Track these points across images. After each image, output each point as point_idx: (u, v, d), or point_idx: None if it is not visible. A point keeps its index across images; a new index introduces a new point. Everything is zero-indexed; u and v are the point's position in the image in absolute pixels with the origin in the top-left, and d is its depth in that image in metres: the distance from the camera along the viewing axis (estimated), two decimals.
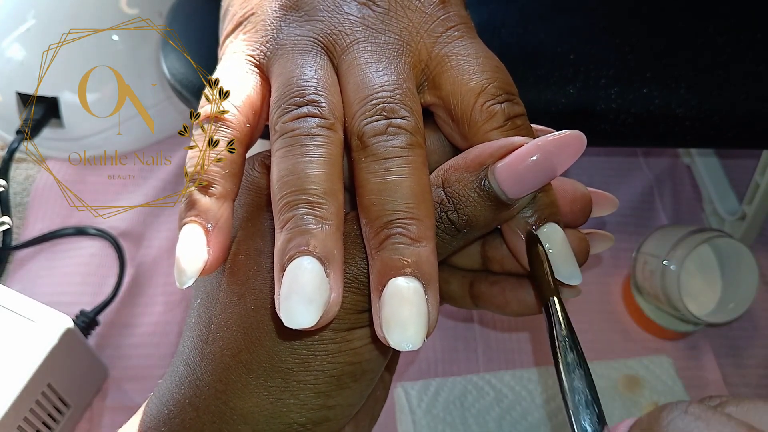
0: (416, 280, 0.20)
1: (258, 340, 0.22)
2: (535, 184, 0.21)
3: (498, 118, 0.23)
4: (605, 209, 0.26)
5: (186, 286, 0.21)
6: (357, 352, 0.22)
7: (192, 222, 0.21)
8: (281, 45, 0.24)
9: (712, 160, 0.63)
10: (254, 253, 0.23)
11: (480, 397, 0.48)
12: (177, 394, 0.23)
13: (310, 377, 0.22)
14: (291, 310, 0.19)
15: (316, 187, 0.20)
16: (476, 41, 0.25)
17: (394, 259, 0.20)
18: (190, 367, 0.23)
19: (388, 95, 0.22)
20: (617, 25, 0.41)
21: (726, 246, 0.51)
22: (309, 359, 0.22)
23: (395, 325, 0.19)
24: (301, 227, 0.20)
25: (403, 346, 0.19)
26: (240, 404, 0.22)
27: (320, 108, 0.22)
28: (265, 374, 0.22)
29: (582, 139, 0.21)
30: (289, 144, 0.21)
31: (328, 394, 0.22)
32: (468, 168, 0.22)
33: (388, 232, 0.20)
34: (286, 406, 0.22)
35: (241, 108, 0.23)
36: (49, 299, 0.46)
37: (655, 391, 0.49)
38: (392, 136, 0.21)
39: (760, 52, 0.39)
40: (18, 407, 0.40)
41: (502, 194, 0.21)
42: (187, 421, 0.23)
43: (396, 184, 0.21)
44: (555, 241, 0.22)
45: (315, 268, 0.19)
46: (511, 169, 0.21)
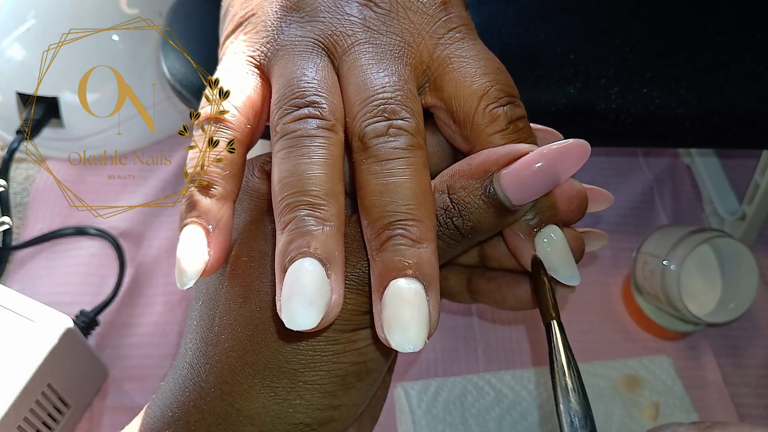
0: (417, 281, 0.20)
1: (264, 341, 0.22)
2: (539, 191, 0.21)
3: (500, 122, 0.23)
4: (600, 205, 0.26)
5: (187, 287, 0.21)
6: (362, 352, 0.22)
7: (193, 223, 0.21)
8: (282, 46, 0.24)
9: (712, 160, 0.63)
10: (258, 256, 0.23)
11: (480, 397, 0.48)
12: (181, 396, 0.23)
13: (315, 377, 0.22)
14: (292, 311, 0.19)
15: (317, 188, 0.20)
16: (477, 43, 0.25)
17: (395, 260, 0.20)
18: (194, 369, 0.23)
19: (389, 96, 0.22)
20: (617, 25, 0.41)
21: (726, 246, 0.51)
22: (315, 360, 0.22)
23: (396, 326, 0.19)
24: (302, 229, 0.20)
25: (405, 347, 0.19)
26: (246, 405, 0.22)
27: (321, 109, 0.22)
28: (271, 375, 0.22)
29: (586, 148, 0.21)
30: (290, 145, 0.21)
31: (333, 394, 0.22)
32: (473, 175, 0.22)
33: (389, 233, 0.20)
34: (293, 406, 0.22)
35: (241, 109, 0.23)
36: (49, 299, 0.46)
37: (655, 391, 0.49)
38: (393, 137, 0.21)
39: (760, 52, 0.39)
40: (18, 407, 0.40)
41: (506, 201, 0.21)
42: (192, 423, 0.23)
43: (397, 186, 0.21)
44: (555, 243, 0.23)
45: (316, 270, 0.19)
46: (515, 177, 0.21)
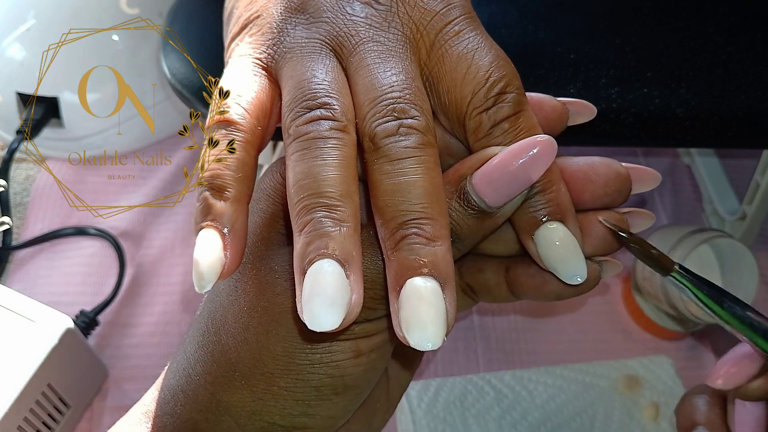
0: (433, 279, 0.20)
1: (245, 340, 0.23)
2: (511, 190, 0.22)
3: (484, 128, 0.23)
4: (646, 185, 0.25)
5: (205, 291, 0.21)
6: (339, 365, 0.22)
7: (208, 227, 0.21)
8: (289, 48, 0.24)
9: (712, 160, 0.63)
10: (256, 259, 0.24)
11: (480, 397, 0.48)
12: (172, 379, 0.25)
13: (290, 384, 0.22)
14: (314, 312, 0.19)
15: (332, 189, 0.20)
16: (474, 34, 0.24)
17: (411, 259, 0.20)
18: (187, 357, 0.24)
19: (397, 95, 0.22)
20: (617, 25, 0.41)
21: (726, 246, 0.51)
22: (290, 367, 0.22)
23: (414, 325, 0.19)
24: (320, 230, 0.20)
25: (423, 345, 0.19)
26: (226, 398, 0.23)
27: (333, 110, 0.22)
28: (249, 374, 0.23)
29: (551, 144, 0.21)
30: (304, 147, 0.21)
31: (307, 403, 0.22)
32: (450, 181, 0.22)
33: (404, 232, 0.20)
34: (267, 407, 0.23)
35: (251, 111, 0.23)
36: (49, 299, 0.46)
37: (655, 391, 0.49)
38: (404, 136, 0.21)
39: (760, 52, 0.39)
40: (18, 407, 0.40)
41: (481, 203, 0.22)
42: (178, 407, 0.24)
43: (409, 185, 0.21)
44: (552, 241, 0.23)
45: (336, 271, 0.19)
46: (485, 177, 0.22)
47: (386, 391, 0.28)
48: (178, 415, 0.24)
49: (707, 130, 0.39)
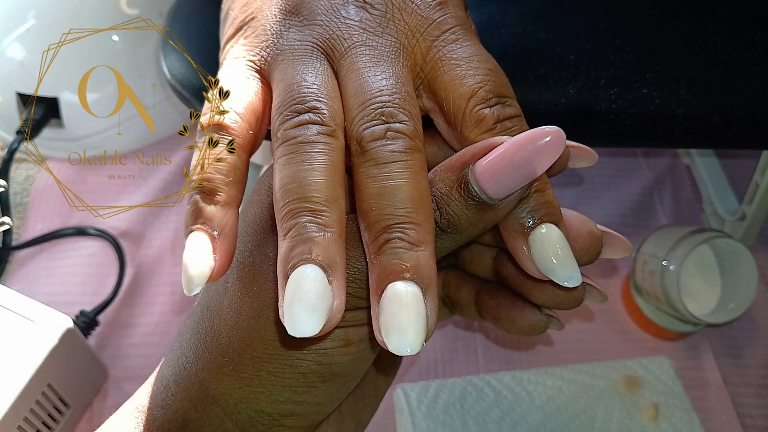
0: (415, 284, 0.20)
1: (237, 324, 0.23)
2: (514, 182, 0.21)
3: (487, 122, 0.23)
4: (617, 252, 0.25)
5: (194, 293, 0.21)
6: (327, 353, 0.22)
7: (198, 230, 0.22)
8: (282, 50, 0.24)
9: (712, 160, 0.63)
10: (254, 250, 0.24)
11: (480, 399, 0.48)
12: (166, 369, 0.25)
13: (278, 369, 0.22)
14: (295, 318, 0.19)
15: (318, 194, 0.20)
16: (471, 43, 0.25)
17: (393, 263, 0.20)
18: (181, 345, 0.25)
19: (386, 99, 0.22)
20: (617, 25, 0.41)
21: (726, 246, 0.51)
22: (279, 352, 0.22)
23: (394, 329, 0.19)
24: (304, 235, 0.20)
25: (402, 350, 0.19)
26: (213, 386, 0.23)
27: (321, 115, 0.22)
28: (238, 358, 0.23)
29: (560, 135, 0.21)
30: (291, 152, 0.21)
31: (294, 390, 0.23)
32: (452, 169, 0.22)
33: (387, 236, 0.20)
34: (254, 393, 0.23)
35: (243, 114, 0.23)
36: (49, 299, 0.46)
37: (654, 392, 0.49)
38: (391, 140, 0.21)
39: (760, 52, 0.39)
40: (18, 407, 0.40)
41: (482, 194, 0.21)
42: (169, 397, 0.24)
43: (395, 189, 0.21)
44: (550, 243, 0.22)
45: (318, 276, 0.19)
46: (488, 168, 0.21)
47: (374, 386, 0.28)
48: (169, 406, 0.24)
49: (707, 130, 0.39)
